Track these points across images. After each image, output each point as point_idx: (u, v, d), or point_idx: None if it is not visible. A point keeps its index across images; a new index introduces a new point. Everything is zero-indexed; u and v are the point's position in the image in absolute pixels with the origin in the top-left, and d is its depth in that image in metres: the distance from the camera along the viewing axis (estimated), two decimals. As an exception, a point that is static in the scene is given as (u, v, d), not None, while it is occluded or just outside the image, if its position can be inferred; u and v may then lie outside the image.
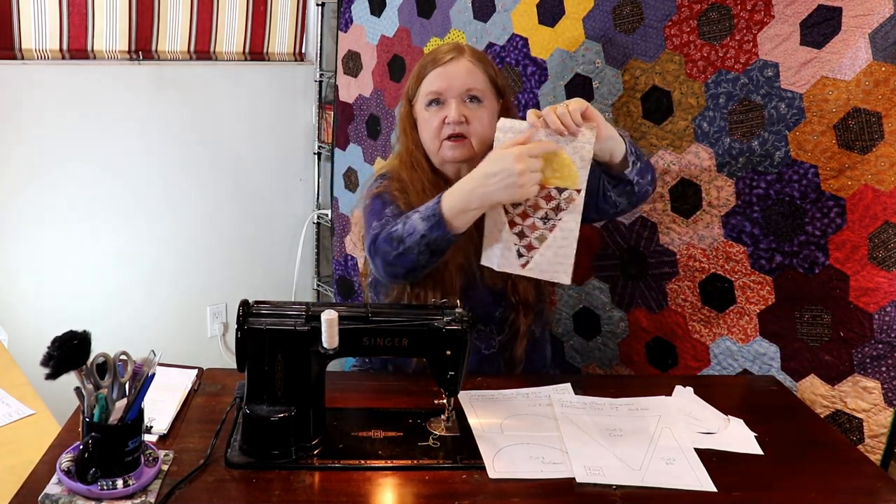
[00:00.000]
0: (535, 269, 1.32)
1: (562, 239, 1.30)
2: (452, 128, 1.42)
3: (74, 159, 2.35)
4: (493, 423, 1.25)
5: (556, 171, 1.27)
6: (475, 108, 1.44)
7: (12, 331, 2.16)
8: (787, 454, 1.21)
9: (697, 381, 1.44)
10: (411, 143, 1.51)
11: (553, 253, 1.31)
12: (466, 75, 1.43)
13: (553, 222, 1.29)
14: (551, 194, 1.28)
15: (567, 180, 1.27)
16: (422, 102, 1.46)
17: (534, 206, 1.29)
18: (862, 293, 1.39)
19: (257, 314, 1.13)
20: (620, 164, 1.34)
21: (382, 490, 1.08)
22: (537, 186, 1.24)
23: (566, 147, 1.25)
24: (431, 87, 1.44)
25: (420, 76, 1.47)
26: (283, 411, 1.12)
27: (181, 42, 2.51)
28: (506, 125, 1.28)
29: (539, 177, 1.24)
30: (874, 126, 1.33)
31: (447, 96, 1.43)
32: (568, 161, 1.26)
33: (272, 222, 2.87)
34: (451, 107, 1.42)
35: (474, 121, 1.43)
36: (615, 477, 1.11)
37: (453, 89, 1.42)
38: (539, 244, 1.31)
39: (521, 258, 1.32)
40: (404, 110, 1.52)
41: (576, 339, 1.88)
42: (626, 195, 1.39)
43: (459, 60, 1.44)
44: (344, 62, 2.51)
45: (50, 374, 0.98)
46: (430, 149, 1.48)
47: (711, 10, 1.50)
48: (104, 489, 0.99)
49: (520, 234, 1.31)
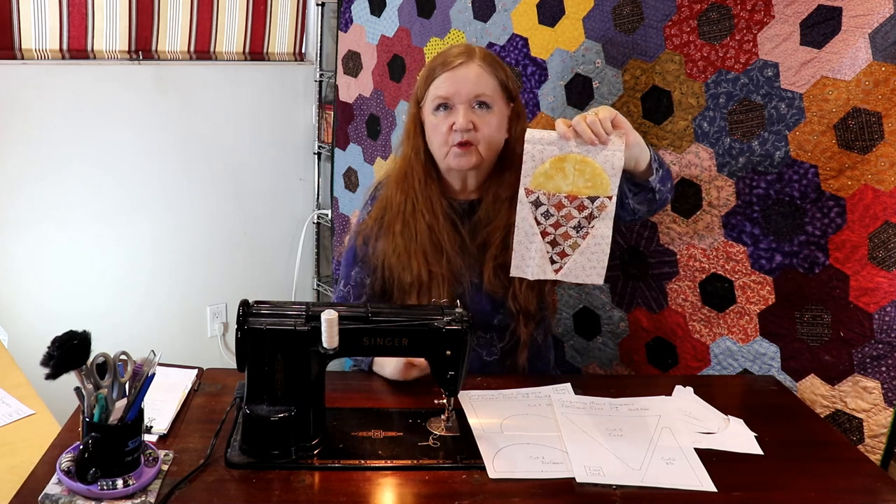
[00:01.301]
0: (568, 274, 1.33)
1: (595, 245, 1.31)
2: (460, 135, 1.39)
3: (74, 159, 2.35)
4: (493, 423, 1.25)
5: (589, 181, 1.27)
6: (483, 114, 1.40)
7: (12, 331, 2.16)
8: (787, 454, 1.21)
9: (697, 381, 1.44)
10: (411, 149, 1.48)
11: (587, 258, 1.32)
12: (476, 81, 1.39)
13: (586, 230, 1.30)
14: (584, 204, 1.28)
15: (599, 189, 1.28)
16: (429, 106, 1.43)
17: (567, 217, 1.29)
18: (862, 293, 1.38)
19: (257, 314, 1.13)
20: (644, 172, 1.34)
21: (382, 490, 1.08)
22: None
23: (597, 156, 1.26)
24: (439, 91, 1.41)
25: (429, 78, 1.43)
26: (283, 411, 1.12)
27: (181, 42, 2.51)
28: (535, 136, 1.27)
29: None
30: (874, 126, 1.33)
31: (455, 102, 1.40)
32: (600, 170, 1.26)
33: (272, 222, 2.87)
34: (460, 113, 1.39)
35: (483, 127, 1.40)
36: (615, 477, 1.11)
37: (461, 95, 1.39)
38: (572, 251, 1.32)
39: (555, 264, 1.33)
40: (412, 112, 1.49)
41: (576, 339, 1.88)
42: (646, 203, 1.39)
43: (469, 65, 1.40)
44: (344, 62, 2.51)
45: (50, 374, 0.98)
46: (438, 155, 1.45)
47: (711, 10, 1.50)
48: (104, 489, 0.99)
49: (552, 242, 1.31)
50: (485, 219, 1.47)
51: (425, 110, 1.45)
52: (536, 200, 1.30)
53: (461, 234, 1.48)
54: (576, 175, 1.27)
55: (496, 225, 1.45)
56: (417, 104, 1.48)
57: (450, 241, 1.45)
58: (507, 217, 1.43)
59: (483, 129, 1.40)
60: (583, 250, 1.31)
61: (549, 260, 1.32)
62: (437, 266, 1.44)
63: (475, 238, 1.48)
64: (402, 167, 1.50)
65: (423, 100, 1.45)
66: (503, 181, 1.46)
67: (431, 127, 1.44)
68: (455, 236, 1.47)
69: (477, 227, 1.48)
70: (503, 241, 1.44)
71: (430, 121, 1.44)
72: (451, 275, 1.45)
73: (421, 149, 1.47)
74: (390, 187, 1.51)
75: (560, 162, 1.27)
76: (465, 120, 1.38)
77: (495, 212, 1.46)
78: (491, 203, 1.46)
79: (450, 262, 1.45)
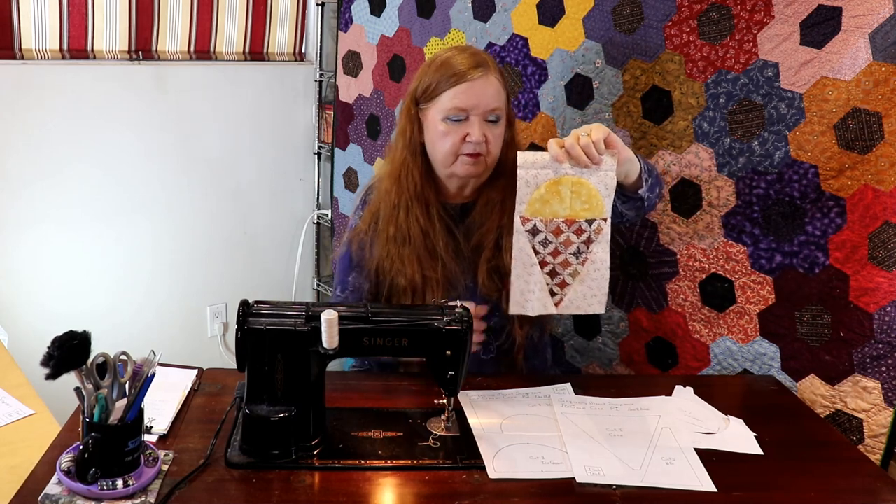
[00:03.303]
0: (569, 306, 1.31)
1: (594, 271, 1.29)
2: (473, 147, 1.37)
3: (74, 159, 2.35)
4: (493, 423, 1.25)
5: (585, 203, 1.26)
6: (493, 128, 1.40)
7: (12, 331, 2.16)
8: (787, 454, 1.21)
9: (697, 381, 1.44)
10: (408, 149, 1.45)
11: (587, 287, 1.30)
12: (494, 96, 1.38)
13: (584, 255, 1.29)
14: (581, 227, 1.27)
15: (595, 211, 1.27)
16: (439, 113, 1.39)
17: (565, 243, 1.28)
18: (862, 293, 1.38)
19: (257, 314, 1.13)
20: (634, 183, 1.34)
21: (382, 490, 1.08)
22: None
23: (591, 177, 1.25)
24: (458, 102, 1.37)
25: (439, 84, 1.39)
26: (283, 411, 1.12)
27: (181, 42, 2.51)
28: (528, 160, 1.25)
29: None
30: (874, 126, 1.33)
31: (472, 114, 1.38)
32: (595, 191, 1.25)
33: (272, 222, 2.87)
34: (475, 126, 1.37)
35: (493, 139, 1.39)
36: (615, 477, 1.11)
37: (479, 108, 1.37)
38: (572, 280, 1.30)
39: (555, 296, 1.31)
40: (410, 112, 1.45)
41: (576, 339, 1.88)
42: (634, 209, 1.40)
43: (488, 78, 1.38)
44: (344, 62, 2.51)
45: (50, 374, 0.98)
46: (443, 161, 1.42)
47: (711, 10, 1.50)
48: (104, 489, 0.99)
49: (551, 272, 1.30)
50: (478, 221, 1.47)
51: (431, 113, 1.41)
52: (533, 228, 1.28)
53: (456, 237, 1.47)
54: (572, 198, 1.25)
55: (489, 227, 1.45)
56: (416, 103, 1.44)
57: (444, 245, 1.45)
58: (498, 219, 1.44)
59: (493, 143, 1.40)
60: (583, 278, 1.29)
61: (550, 292, 1.30)
62: (431, 271, 1.44)
63: (469, 241, 1.47)
64: (396, 167, 1.47)
65: (430, 102, 1.41)
66: (495, 184, 1.46)
67: (439, 133, 1.40)
68: (450, 240, 1.46)
69: (471, 229, 1.48)
70: (496, 242, 1.44)
71: (437, 127, 1.40)
72: (445, 279, 1.45)
73: (419, 149, 1.45)
74: (383, 189, 1.49)
75: (555, 185, 1.25)
76: (481, 133, 1.37)
77: (488, 213, 1.46)
78: (484, 205, 1.46)
79: (444, 267, 1.44)
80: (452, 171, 1.42)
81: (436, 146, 1.42)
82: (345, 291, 1.54)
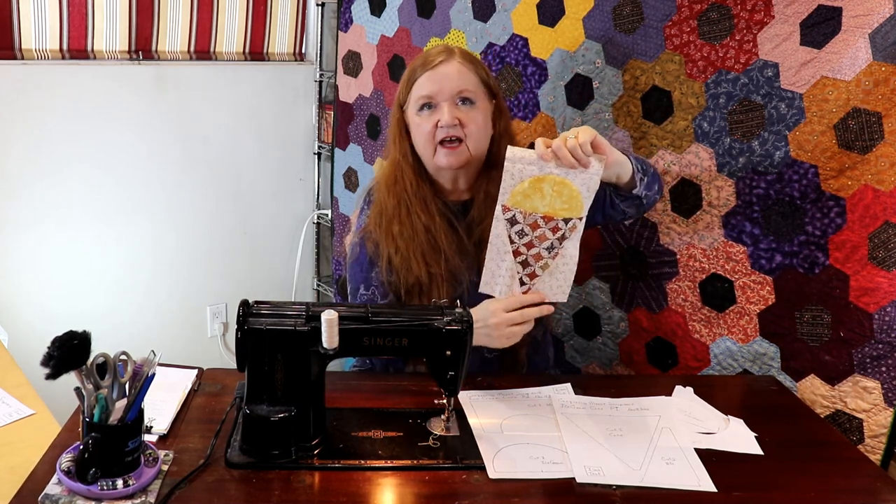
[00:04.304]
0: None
1: (563, 265, 1.33)
2: (446, 131, 1.40)
3: (74, 159, 2.35)
4: (493, 423, 1.25)
5: (566, 203, 1.28)
6: (468, 110, 1.41)
7: (12, 331, 2.16)
8: (787, 454, 1.21)
9: (697, 381, 1.44)
10: (399, 153, 1.49)
11: (555, 279, 1.34)
12: (458, 77, 1.41)
13: (557, 250, 1.32)
14: (558, 225, 1.30)
15: (573, 210, 1.29)
16: (413, 108, 1.44)
17: (540, 238, 1.31)
18: (862, 293, 1.38)
19: (257, 314, 1.13)
20: (628, 184, 1.36)
21: (382, 490, 1.08)
22: (516, 338, 1.33)
23: (575, 179, 1.26)
24: (422, 90, 1.42)
25: (410, 80, 1.45)
26: (283, 411, 1.12)
27: (181, 42, 2.51)
28: (515, 155, 1.27)
29: (517, 331, 1.33)
30: (874, 126, 1.33)
31: (439, 99, 1.41)
32: (577, 192, 1.27)
33: (272, 222, 2.87)
34: (444, 110, 1.40)
35: (469, 122, 1.41)
36: (615, 477, 1.11)
37: (445, 92, 1.40)
38: (542, 272, 1.34)
39: (524, 286, 1.35)
40: (396, 117, 1.49)
41: (576, 339, 1.88)
42: (634, 207, 1.42)
43: (450, 62, 1.41)
44: (344, 62, 2.51)
45: (50, 374, 0.98)
46: (425, 155, 1.45)
47: (711, 10, 1.50)
48: (104, 489, 0.99)
49: (523, 262, 1.33)
50: (478, 217, 1.48)
51: (409, 112, 1.46)
52: (512, 218, 1.31)
53: (458, 233, 1.48)
54: (553, 196, 1.27)
55: (489, 222, 1.45)
56: (400, 108, 1.49)
57: (447, 240, 1.46)
58: None
59: (469, 125, 1.41)
60: (552, 271, 1.33)
61: (519, 281, 1.35)
62: (435, 266, 1.45)
63: (471, 237, 1.48)
64: (391, 172, 1.50)
65: (406, 102, 1.46)
66: (493, 178, 1.45)
67: (416, 127, 1.44)
68: (452, 236, 1.47)
69: (472, 225, 1.49)
70: None
71: (414, 121, 1.45)
72: (449, 275, 1.45)
73: (408, 152, 1.48)
74: (381, 192, 1.51)
75: (538, 182, 1.28)
76: (451, 115, 1.39)
77: (487, 209, 1.46)
78: (483, 201, 1.47)
79: (448, 262, 1.45)
80: (436, 163, 1.44)
81: (417, 141, 1.46)
82: (369, 288, 1.52)
